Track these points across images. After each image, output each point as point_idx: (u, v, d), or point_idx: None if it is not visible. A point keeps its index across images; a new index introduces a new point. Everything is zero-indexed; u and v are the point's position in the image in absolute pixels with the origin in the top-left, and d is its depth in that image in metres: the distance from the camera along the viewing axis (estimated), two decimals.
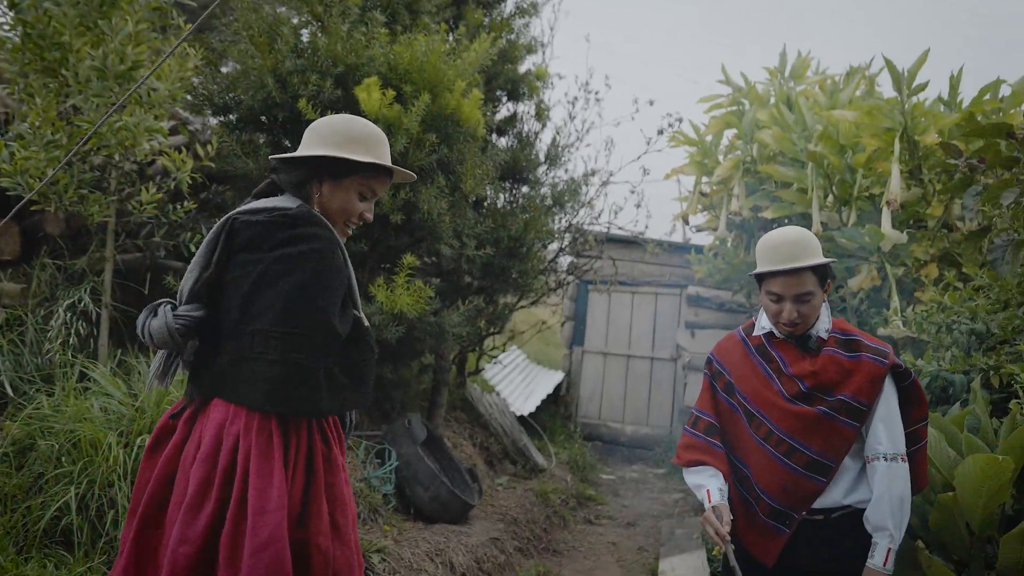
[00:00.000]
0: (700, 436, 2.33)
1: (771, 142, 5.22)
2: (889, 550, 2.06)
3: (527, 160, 5.88)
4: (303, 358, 1.68)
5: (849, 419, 2.13)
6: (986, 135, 3.27)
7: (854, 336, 2.21)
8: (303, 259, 1.72)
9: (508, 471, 6.10)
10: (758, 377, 2.26)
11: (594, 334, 9.65)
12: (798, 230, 2.20)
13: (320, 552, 1.72)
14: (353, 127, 1.89)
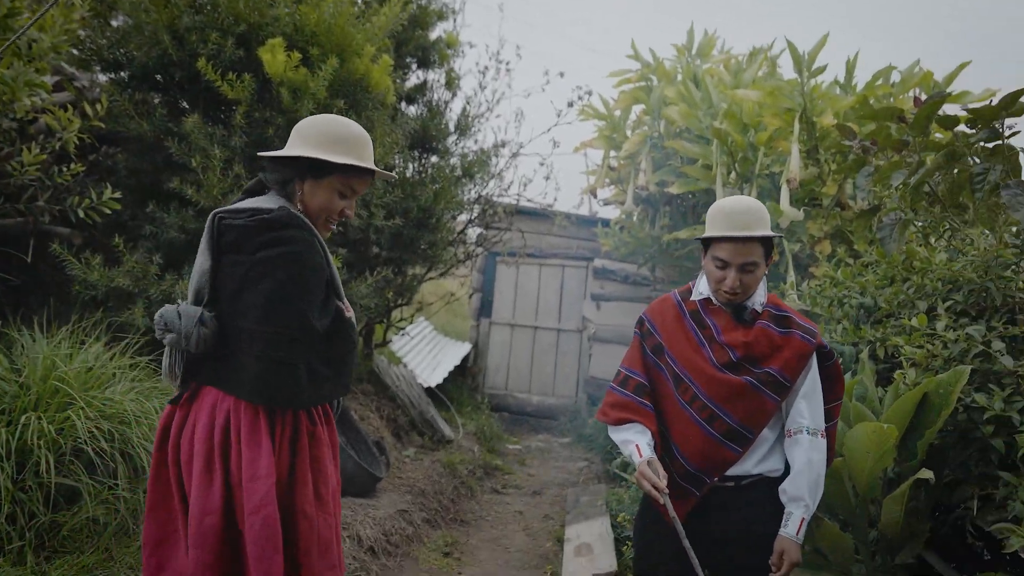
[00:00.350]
0: (629, 395, 2.31)
1: (678, 118, 5.33)
2: (803, 521, 2.13)
3: (437, 130, 5.80)
4: (284, 356, 1.80)
5: (773, 392, 2.18)
6: (878, 118, 3.42)
7: (786, 313, 2.26)
8: (281, 261, 1.81)
9: (416, 443, 6.09)
10: (689, 342, 2.28)
11: (501, 306, 9.70)
12: (752, 200, 2.21)
13: (306, 517, 1.86)
14: (334, 127, 1.96)
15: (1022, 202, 2.60)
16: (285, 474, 1.88)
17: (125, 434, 2.88)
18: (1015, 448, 2.26)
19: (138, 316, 3.65)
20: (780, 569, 2.13)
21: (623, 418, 2.28)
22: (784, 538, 2.14)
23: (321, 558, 1.88)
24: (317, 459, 1.94)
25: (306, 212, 1.97)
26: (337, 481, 2.04)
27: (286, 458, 1.88)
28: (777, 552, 2.14)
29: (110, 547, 2.74)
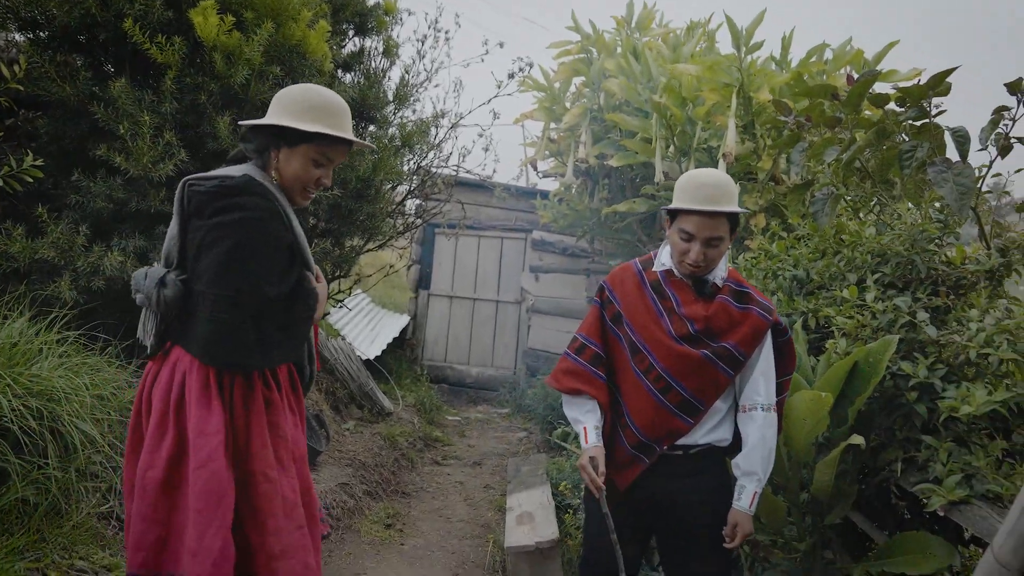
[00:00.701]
0: (584, 364, 2.32)
1: (618, 91, 5.35)
2: (755, 494, 2.20)
3: (375, 98, 5.69)
4: (230, 318, 1.83)
5: (728, 367, 2.22)
6: (813, 95, 3.50)
7: (746, 289, 2.29)
8: (235, 226, 1.85)
9: (355, 415, 6.05)
10: (649, 312, 2.28)
11: (440, 277, 9.66)
12: (722, 174, 2.21)
13: (267, 479, 1.89)
14: (310, 96, 1.99)
15: (946, 179, 2.71)
16: (243, 439, 1.91)
17: (54, 411, 2.77)
18: (937, 413, 2.37)
19: (64, 289, 3.51)
20: (734, 540, 2.20)
21: (574, 387, 2.30)
22: (737, 511, 2.20)
23: (287, 518, 1.92)
24: (276, 425, 1.96)
25: (281, 180, 2.01)
26: (304, 446, 2.07)
27: (241, 422, 1.91)
28: (731, 524, 2.21)
29: (41, 528, 2.65)
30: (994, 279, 2.75)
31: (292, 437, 2.02)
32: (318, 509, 2.16)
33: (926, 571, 2.29)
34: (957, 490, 2.14)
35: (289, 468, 1.97)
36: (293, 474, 1.98)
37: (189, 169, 3.91)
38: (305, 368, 2.14)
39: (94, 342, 3.49)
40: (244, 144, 2.05)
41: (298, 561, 1.91)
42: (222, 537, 1.80)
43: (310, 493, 2.06)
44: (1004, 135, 2.75)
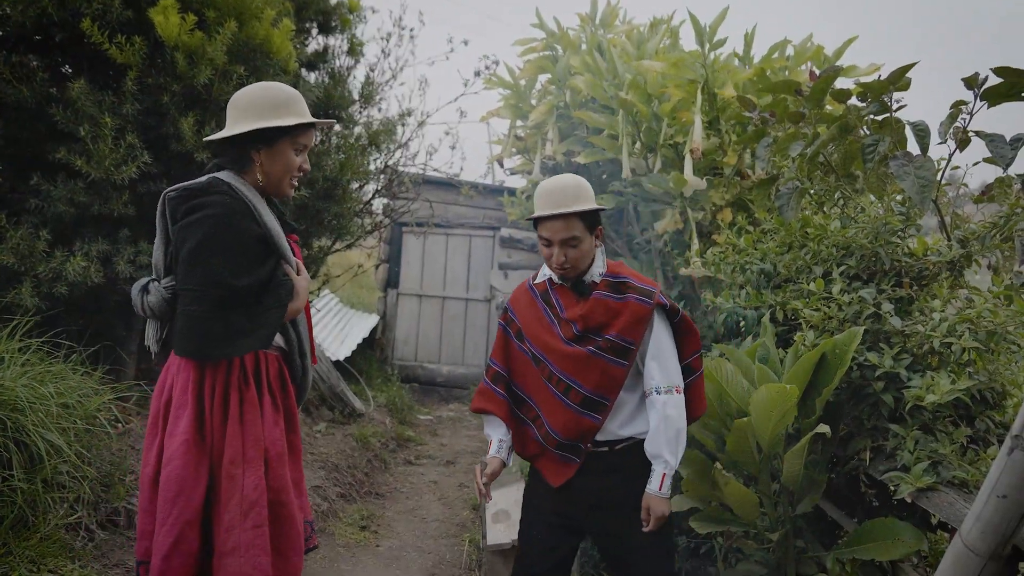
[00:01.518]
0: (488, 383, 2.49)
1: (584, 88, 5.37)
2: (664, 476, 2.25)
3: (340, 98, 5.64)
4: (198, 310, 1.91)
5: (617, 357, 2.27)
6: (776, 91, 3.55)
7: (624, 279, 2.34)
8: (198, 225, 1.94)
9: (326, 417, 6.01)
10: (541, 323, 2.38)
11: (409, 276, 9.62)
12: (571, 178, 2.28)
13: (228, 477, 1.96)
14: (270, 93, 2.08)
15: (908, 172, 2.76)
16: (218, 437, 1.99)
17: (18, 422, 2.71)
18: (903, 402, 2.43)
19: (26, 296, 3.43)
20: (649, 525, 2.25)
21: (480, 407, 2.48)
22: (648, 494, 2.26)
23: (243, 515, 1.96)
24: (247, 422, 2.01)
25: (268, 180, 2.11)
26: (283, 446, 2.11)
27: (218, 420, 1.99)
28: (644, 508, 2.27)
29: (7, 540, 2.59)
30: (955, 270, 2.82)
31: (269, 435, 2.05)
32: (304, 510, 2.20)
33: (895, 556, 2.34)
34: (924, 477, 2.19)
35: (256, 466, 2.00)
36: (259, 472, 2.00)
37: (152, 172, 3.84)
38: (297, 364, 2.19)
39: (58, 349, 3.42)
40: (219, 159, 2.11)
41: (247, 560, 1.94)
42: (175, 533, 1.90)
43: (287, 492, 2.07)
44: (962, 129, 2.81)
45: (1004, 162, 2.64)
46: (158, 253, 2.08)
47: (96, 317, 4.09)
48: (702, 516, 2.94)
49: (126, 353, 4.24)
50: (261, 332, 2.02)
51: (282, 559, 2.04)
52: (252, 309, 1.99)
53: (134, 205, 3.86)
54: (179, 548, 1.90)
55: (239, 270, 1.95)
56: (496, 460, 2.36)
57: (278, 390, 2.13)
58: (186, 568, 1.91)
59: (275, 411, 2.09)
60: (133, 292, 2.07)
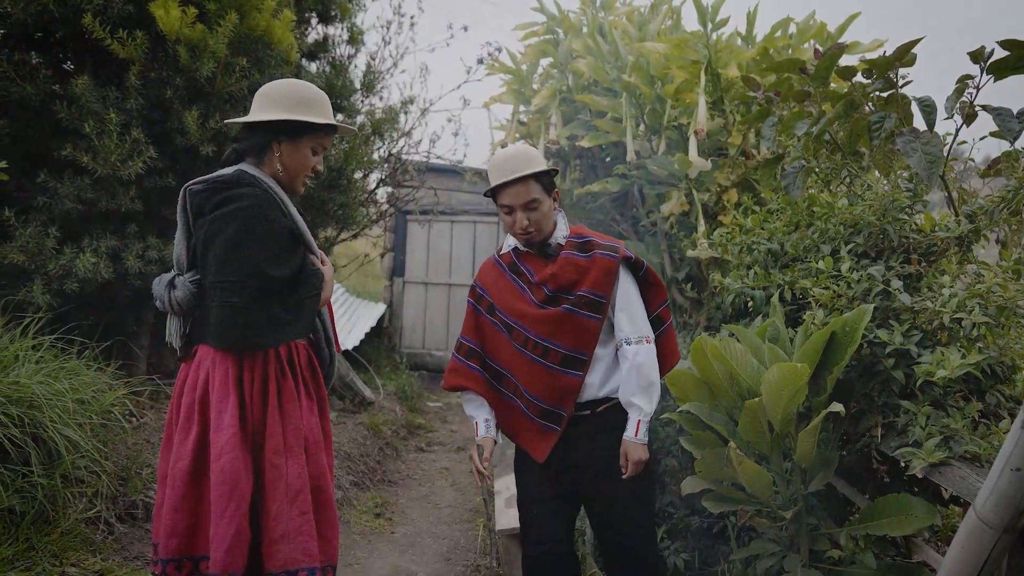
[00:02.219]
0: (462, 360, 2.51)
1: (586, 71, 5.35)
2: (639, 422, 2.32)
3: (342, 87, 5.65)
4: (238, 302, 1.93)
5: (590, 312, 2.33)
6: (780, 70, 3.54)
7: (589, 238, 2.42)
8: (231, 217, 1.96)
9: (337, 407, 6.04)
10: (512, 292, 2.44)
11: (414, 264, 9.63)
12: (519, 146, 2.38)
13: (273, 467, 2.00)
14: (300, 90, 2.12)
15: (915, 148, 2.75)
16: (259, 428, 2.02)
17: (36, 418, 2.74)
18: (913, 378, 2.43)
19: (37, 294, 3.46)
20: (628, 470, 2.31)
21: (455, 384, 2.49)
22: (625, 440, 2.32)
23: (290, 503, 2.00)
24: (286, 412, 2.05)
25: (284, 172, 2.13)
26: (319, 433, 2.15)
27: (258, 411, 2.02)
28: (622, 454, 2.33)
29: (30, 536, 2.63)
30: (963, 245, 2.81)
31: (307, 423, 2.09)
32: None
33: (908, 531, 2.35)
34: (936, 452, 2.20)
35: (297, 454, 2.05)
36: (301, 460, 2.05)
37: (158, 166, 3.85)
38: (324, 352, 2.23)
39: (70, 346, 3.45)
40: (239, 144, 2.13)
41: (296, 546, 1.99)
42: (236, 525, 1.93)
43: (325, 478, 2.13)
44: (968, 103, 2.80)
45: (1011, 136, 2.63)
46: (180, 247, 2.10)
47: (107, 313, 4.11)
48: (715, 496, 2.96)
49: (138, 347, 4.27)
50: (299, 322, 2.07)
51: (325, 542, 2.10)
52: (289, 299, 2.03)
53: (141, 200, 3.88)
54: (239, 540, 1.93)
55: (275, 261, 1.99)
56: (488, 440, 2.41)
57: (310, 378, 2.17)
58: (244, 558, 1.95)
59: (309, 400, 2.14)
60: (157, 288, 2.08)
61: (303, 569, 1.98)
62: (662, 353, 2.49)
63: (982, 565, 1.86)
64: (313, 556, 2.00)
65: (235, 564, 1.92)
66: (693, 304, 4.68)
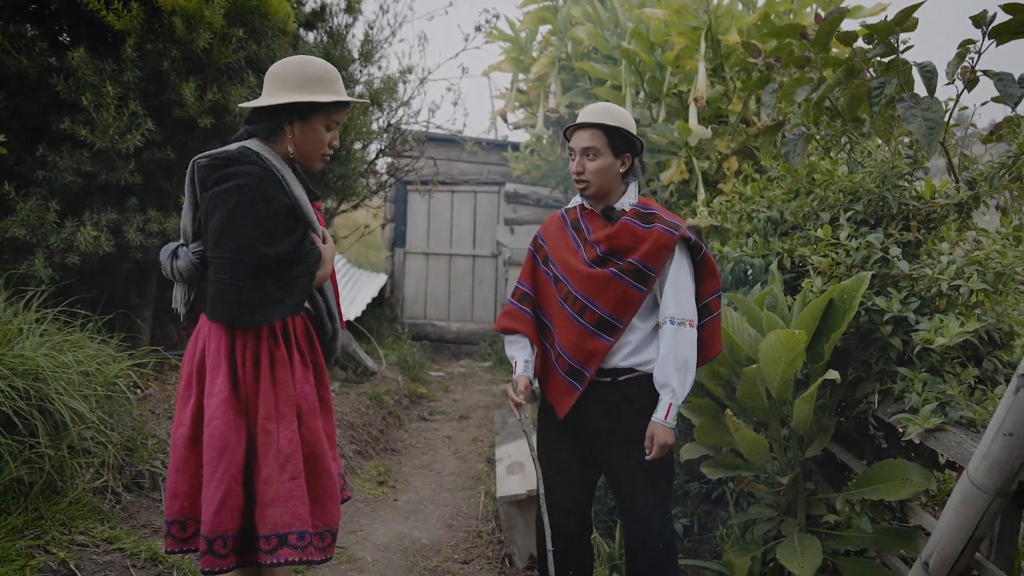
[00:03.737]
0: (515, 304, 2.57)
1: (585, 39, 5.30)
2: (671, 405, 2.30)
3: (340, 57, 5.60)
4: (230, 278, 1.94)
5: (636, 281, 2.34)
6: (781, 35, 3.51)
7: (653, 211, 2.42)
8: (229, 194, 1.97)
9: (339, 377, 6.08)
10: (567, 246, 2.48)
11: (415, 235, 9.63)
12: (615, 105, 2.41)
13: (265, 432, 2.03)
14: (308, 67, 2.11)
15: (915, 114, 2.74)
16: (252, 395, 2.05)
17: (42, 391, 2.77)
18: (911, 345, 2.45)
19: (39, 267, 3.47)
20: (652, 452, 2.32)
21: (507, 326, 2.55)
22: (653, 423, 2.32)
23: (280, 468, 2.03)
24: (278, 379, 2.07)
25: (299, 152, 2.14)
26: (315, 400, 2.17)
27: (251, 378, 2.05)
28: (648, 436, 2.33)
29: (39, 506, 2.67)
30: (963, 212, 2.81)
31: (301, 391, 2.11)
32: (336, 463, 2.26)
33: (904, 496, 2.39)
34: (932, 418, 2.23)
35: (289, 420, 2.07)
36: (293, 426, 2.07)
37: (156, 139, 3.84)
38: (326, 326, 2.24)
39: (74, 319, 3.47)
40: (249, 126, 2.13)
41: (286, 510, 2.02)
42: (224, 487, 1.97)
43: (320, 445, 2.14)
44: (970, 68, 2.79)
45: (1012, 101, 2.62)
46: (186, 219, 2.11)
47: (109, 285, 4.13)
48: (714, 462, 3.00)
49: (140, 320, 4.29)
50: (291, 300, 2.06)
51: (321, 508, 2.12)
52: (283, 277, 2.04)
53: (141, 173, 3.87)
54: (228, 502, 1.97)
55: (270, 239, 1.99)
56: (524, 379, 2.43)
57: (306, 348, 2.18)
58: (234, 521, 1.99)
59: (304, 368, 2.15)
60: (162, 256, 2.11)
61: (292, 532, 2.02)
62: (704, 342, 2.44)
63: (975, 527, 1.89)
64: (303, 520, 2.04)
65: (223, 525, 1.97)
66: None
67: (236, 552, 2.02)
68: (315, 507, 2.11)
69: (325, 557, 2.13)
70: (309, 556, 2.06)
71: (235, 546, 2.01)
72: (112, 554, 2.68)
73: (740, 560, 2.77)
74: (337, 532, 2.17)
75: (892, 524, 2.61)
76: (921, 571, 2.07)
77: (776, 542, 2.75)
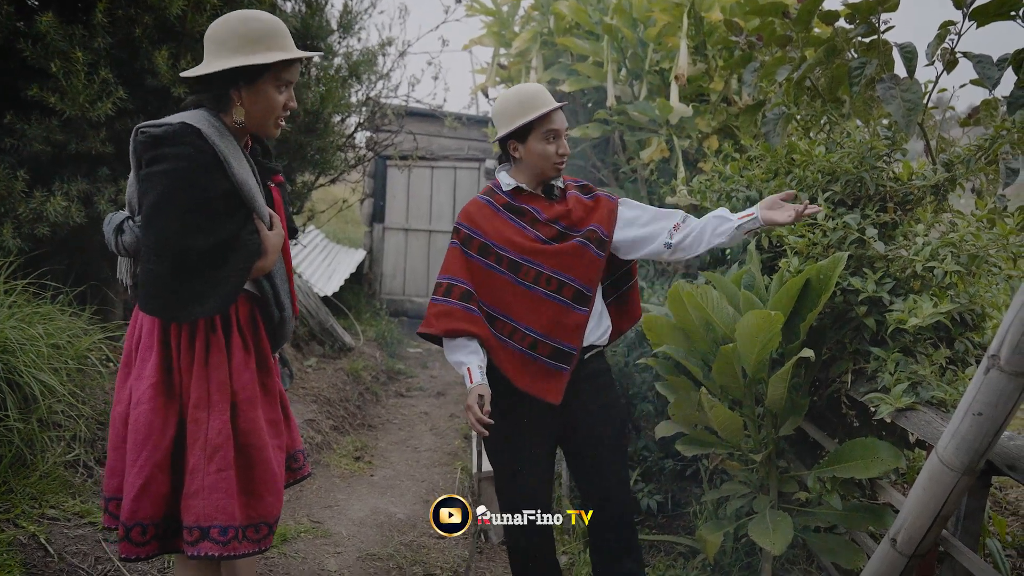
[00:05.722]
0: (455, 302, 2.34)
1: (568, 14, 5.25)
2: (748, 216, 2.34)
3: (318, 27, 5.50)
4: (154, 268, 1.83)
5: (597, 248, 2.40)
6: (763, 14, 3.49)
7: (584, 183, 2.55)
8: (158, 179, 1.83)
9: (316, 352, 6.05)
10: (513, 230, 2.41)
11: (394, 210, 9.56)
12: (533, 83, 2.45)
13: (193, 421, 1.95)
14: (249, 25, 1.90)
15: (894, 95, 2.75)
16: (185, 381, 1.96)
17: (10, 363, 2.73)
18: (884, 325, 2.47)
19: (7, 237, 3.40)
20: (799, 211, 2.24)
21: (452, 328, 2.31)
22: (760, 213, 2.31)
23: (207, 459, 1.95)
24: (212, 365, 1.97)
25: (249, 120, 1.96)
26: (255, 389, 2.04)
27: (185, 363, 1.96)
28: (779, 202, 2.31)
29: (8, 479, 2.64)
30: (939, 194, 2.83)
31: (239, 379, 2.00)
32: (294, 441, 2.22)
33: (874, 474, 2.42)
34: (904, 398, 2.25)
35: (221, 409, 1.96)
36: (225, 416, 1.97)
37: (128, 108, 3.76)
38: (273, 313, 2.09)
39: (44, 291, 3.41)
40: (197, 95, 1.96)
41: (209, 503, 1.93)
42: (144, 475, 1.91)
43: (259, 434, 2.03)
44: (950, 50, 2.79)
45: (990, 83, 2.63)
46: (131, 189, 1.97)
47: (80, 257, 4.06)
48: (688, 440, 3.02)
49: (113, 292, 4.23)
50: (217, 297, 1.92)
51: (256, 500, 2.02)
52: (211, 272, 1.89)
53: (112, 143, 3.79)
54: (148, 490, 1.91)
55: (196, 230, 1.84)
56: (485, 388, 2.25)
57: (249, 333, 2.05)
58: (156, 508, 1.93)
59: (245, 353, 2.03)
60: (106, 229, 1.96)
61: (215, 526, 1.93)
62: (629, 306, 2.61)
63: (942, 505, 1.92)
64: (229, 514, 1.95)
65: (142, 512, 1.91)
66: None
67: (158, 539, 1.95)
68: (249, 499, 2.01)
69: (259, 549, 2.02)
70: (232, 551, 1.95)
71: (156, 533, 1.94)
72: (83, 528, 2.66)
73: (713, 536, 2.81)
74: (275, 523, 2.07)
75: (862, 501, 2.65)
76: (889, 547, 2.11)
77: (748, 518, 2.78)
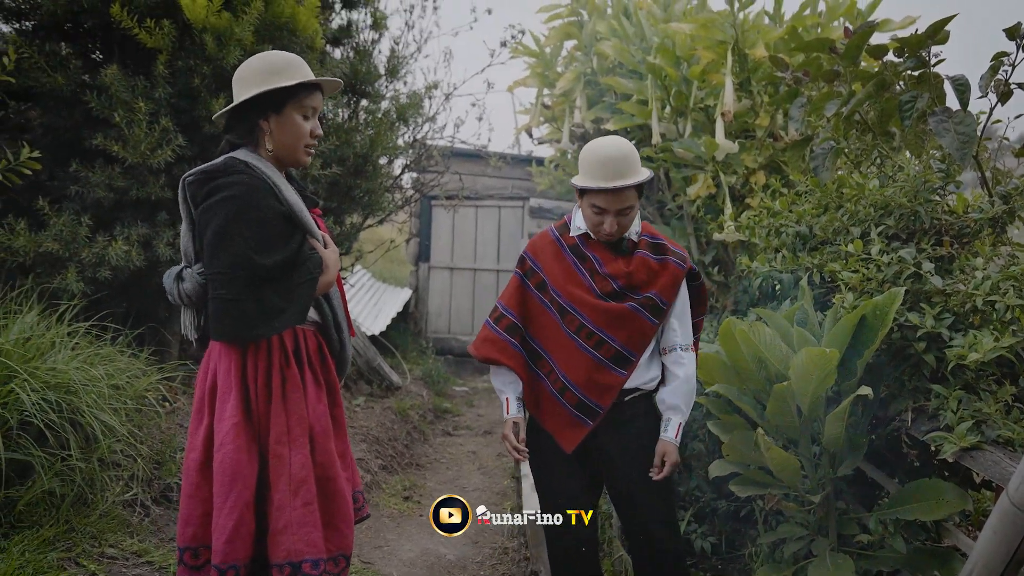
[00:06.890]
0: (500, 333, 2.40)
1: (611, 54, 5.31)
2: (680, 425, 2.36)
3: (366, 72, 5.65)
4: (226, 293, 1.89)
5: (652, 316, 2.34)
6: (810, 49, 3.49)
7: (660, 240, 2.42)
8: (217, 208, 1.92)
9: (364, 391, 6.10)
10: (570, 276, 2.38)
11: (439, 249, 9.66)
12: (622, 144, 2.26)
13: (277, 456, 1.98)
14: (269, 60, 2.02)
15: (947, 128, 2.71)
16: (263, 418, 2.00)
17: (73, 403, 2.81)
18: (945, 362, 2.40)
19: (71, 281, 3.52)
20: (662, 471, 2.32)
21: (489, 356, 2.39)
22: (664, 441, 2.34)
23: (292, 494, 1.98)
24: (290, 401, 2.01)
25: (279, 149, 2.05)
26: (328, 422, 2.10)
27: (263, 401, 1.99)
28: (659, 455, 2.34)
29: (70, 518, 2.70)
30: (997, 226, 2.76)
31: (314, 412, 2.05)
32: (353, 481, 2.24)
33: (939, 516, 2.33)
34: (968, 436, 2.18)
35: (301, 444, 2.01)
36: (305, 451, 2.01)
37: (187, 154, 3.90)
38: (333, 338, 2.16)
39: (104, 332, 3.51)
40: (228, 135, 2.06)
41: (299, 537, 1.96)
42: (236, 515, 1.92)
43: (334, 467, 2.08)
44: (1004, 81, 2.74)
45: None
46: (186, 239, 2.06)
47: (139, 299, 4.18)
48: (742, 480, 2.95)
49: (169, 333, 4.34)
50: (294, 309, 2.00)
51: (334, 532, 2.06)
52: (282, 286, 1.98)
53: (171, 188, 3.93)
54: (240, 530, 1.92)
55: (264, 248, 1.93)
56: (521, 419, 2.40)
57: (318, 365, 2.12)
58: (246, 548, 1.94)
59: (317, 387, 2.09)
60: (166, 281, 2.06)
61: (307, 561, 1.95)
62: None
63: (1015, 550, 1.84)
64: (317, 547, 1.98)
65: (235, 554, 1.92)
66: (720, 287, 4.65)
67: None
68: (329, 531, 2.05)
69: None
70: None
71: (247, 575, 1.96)
72: (141, 567, 2.70)
73: None
74: (351, 555, 2.12)
75: (927, 545, 2.56)
76: None
77: (807, 561, 2.70)
